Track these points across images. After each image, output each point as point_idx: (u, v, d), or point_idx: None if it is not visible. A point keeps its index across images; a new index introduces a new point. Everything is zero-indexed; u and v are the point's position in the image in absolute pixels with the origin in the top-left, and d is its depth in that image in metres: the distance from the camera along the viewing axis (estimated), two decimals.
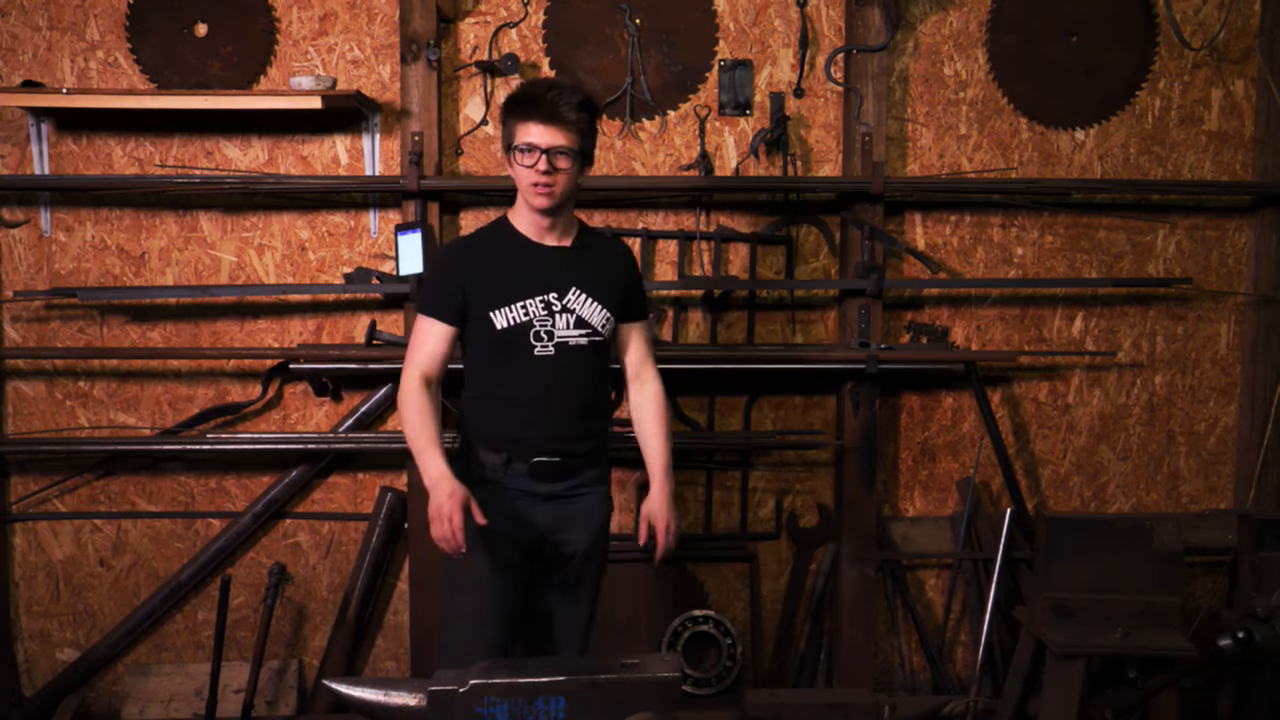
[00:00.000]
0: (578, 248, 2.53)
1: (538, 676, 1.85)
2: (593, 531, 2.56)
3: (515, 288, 2.46)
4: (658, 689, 1.87)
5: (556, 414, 2.48)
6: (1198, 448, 3.71)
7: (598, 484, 2.58)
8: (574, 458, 2.51)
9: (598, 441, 2.57)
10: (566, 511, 2.52)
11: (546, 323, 2.46)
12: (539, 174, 2.38)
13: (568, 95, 2.39)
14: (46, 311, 3.38)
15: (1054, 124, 3.55)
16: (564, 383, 2.47)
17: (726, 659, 3.49)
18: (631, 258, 2.67)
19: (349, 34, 3.37)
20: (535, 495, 2.50)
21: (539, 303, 2.46)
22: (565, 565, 2.56)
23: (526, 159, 2.39)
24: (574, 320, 2.48)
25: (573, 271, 2.49)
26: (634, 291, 2.62)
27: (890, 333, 3.53)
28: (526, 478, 2.48)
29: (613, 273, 2.56)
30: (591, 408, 2.55)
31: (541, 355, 2.46)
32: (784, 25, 3.45)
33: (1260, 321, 3.64)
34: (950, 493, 3.62)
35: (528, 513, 2.50)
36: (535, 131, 2.37)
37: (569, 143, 2.39)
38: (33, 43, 3.32)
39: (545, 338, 2.46)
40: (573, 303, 2.48)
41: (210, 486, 3.45)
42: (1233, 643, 2.83)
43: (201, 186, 3.29)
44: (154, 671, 3.42)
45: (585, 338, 2.49)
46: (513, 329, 2.45)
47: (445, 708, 1.83)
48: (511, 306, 2.45)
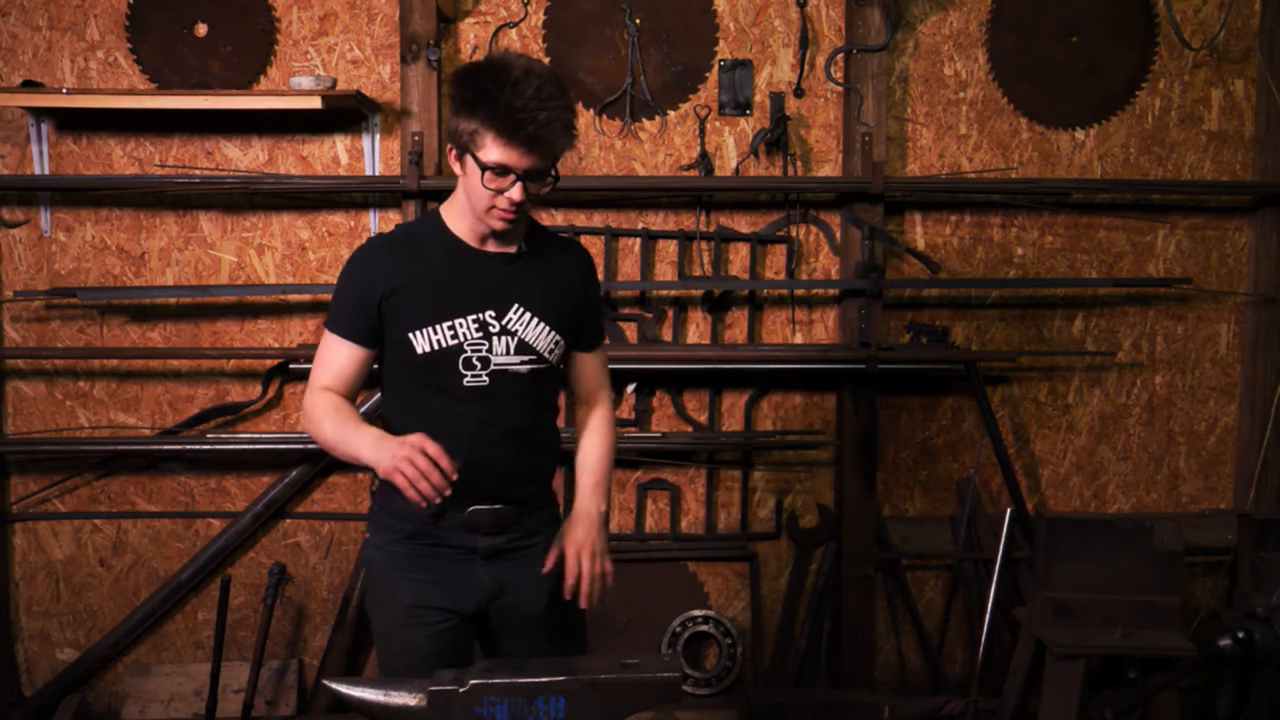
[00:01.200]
0: (526, 255, 2.07)
1: (538, 676, 1.84)
2: (549, 588, 2.11)
3: (444, 303, 2.00)
4: (658, 689, 1.86)
5: (491, 456, 2.03)
6: (1198, 448, 3.71)
7: (549, 526, 2.16)
8: (517, 503, 2.09)
9: (543, 483, 2.18)
10: (513, 570, 2.10)
11: (480, 347, 2.01)
12: (508, 201, 1.95)
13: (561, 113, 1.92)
14: (46, 311, 3.38)
15: (1054, 124, 3.55)
16: (500, 419, 2.04)
17: (726, 659, 3.49)
18: (592, 268, 2.18)
19: (349, 34, 3.37)
20: (474, 552, 2.08)
21: (472, 322, 2.01)
22: (528, 630, 2.13)
23: (495, 181, 1.93)
24: (515, 344, 2.04)
25: (517, 284, 2.04)
26: (590, 311, 2.18)
27: (890, 333, 3.53)
28: (461, 531, 2.07)
29: (567, 287, 2.11)
30: (536, 444, 2.13)
31: (473, 386, 2.02)
32: (784, 25, 3.45)
33: (1260, 321, 3.64)
34: (950, 493, 3.62)
35: (465, 574, 2.08)
36: (511, 154, 1.91)
37: (547, 164, 1.96)
38: (33, 43, 3.32)
39: (478, 365, 2.01)
40: (514, 323, 2.04)
41: (210, 486, 3.45)
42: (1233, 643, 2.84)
43: (201, 186, 3.29)
44: (154, 671, 3.42)
45: (527, 365, 2.05)
46: (437, 354, 2.00)
47: (445, 708, 1.82)
48: (437, 327, 2.00)
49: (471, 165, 1.95)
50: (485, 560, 2.09)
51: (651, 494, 3.52)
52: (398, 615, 2.09)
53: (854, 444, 3.46)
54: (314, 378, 2.06)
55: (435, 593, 2.09)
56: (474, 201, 1.98)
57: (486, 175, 1.93)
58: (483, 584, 2.10)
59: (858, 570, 3.49)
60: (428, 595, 2.08)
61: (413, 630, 2.09)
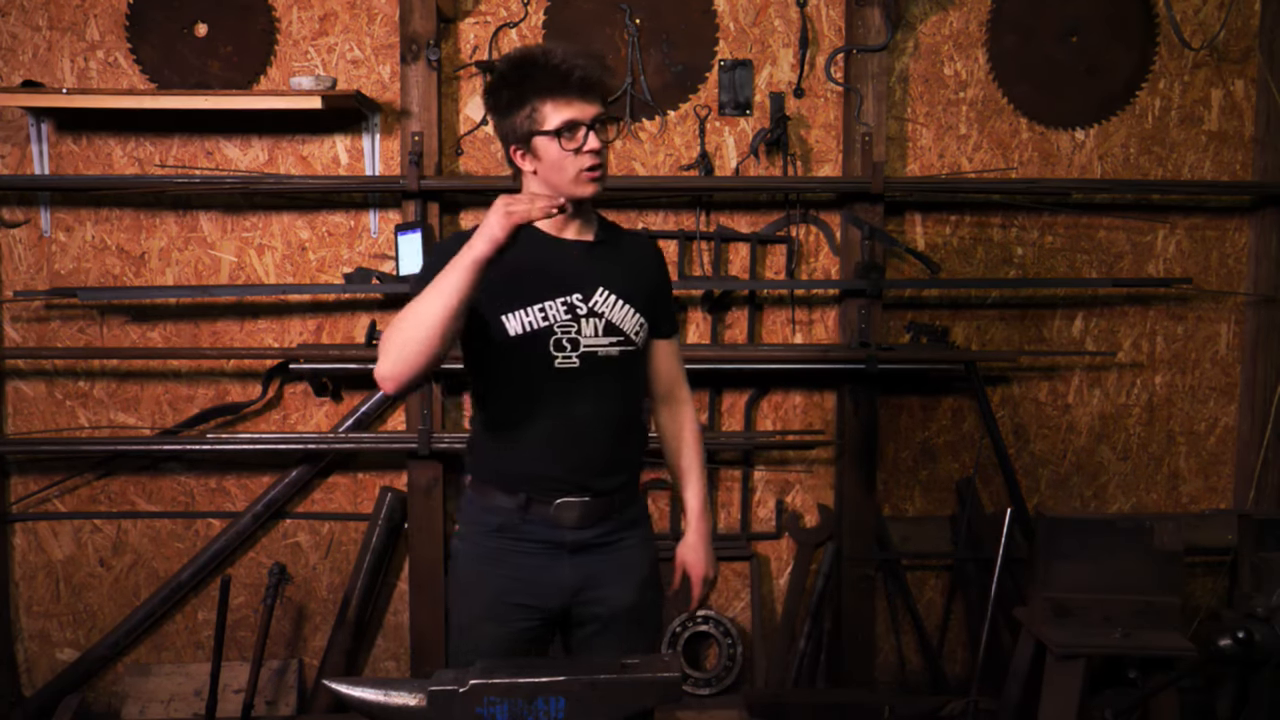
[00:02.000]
0: (602, 242, 2.12)
1: (538, 676, 1.84)
2: (636, 584, 2.13)
3: (533, 287, 2.03)
4: (658, 689, 1.86)
5: (583, 441, 2.06)
6: (1198, 448, 3.71)
7: (636, 526, 2.17)
8: (606, 495, 2.09)
9: (631, 475, 2.17)
10: (600, 566, 2.10)
11: (570, 328, 2.03)
12: (591, 155, 1.99)
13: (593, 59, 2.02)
14: (46, 311, 3.38)
15: (1054, 124, 3.55)
16: (591, 402, 2.05)
17: (726, 659, 3.49)
18: (663, 259, 2.26)
19: (349, 34, 3.37)
20: (560, 546, 2.08)
21: (561, 305, 2.04)
22: (606, 630, 2.12)
23: (570, 141, 1.98)
24: (603, 326, 2.06)
25: (599, 269, 2.08)
26: (664, 299, 2.22)
27: (890, 333, 3.53)
28: (548, 525, 2.07)
29: (644, 273, 2.17)
30: (625, 433, 2.13)
31: (564, 368, 2.03)
32: (784, 25, 3.45)
33: (1260, 321, 3.64)
34: (950, 493, 3.62)
35: (550, 570, 2.08)
36: (575, 108, 1.97)
37: (604, 109, 2.02)
38: (33, 43, 3.32)
39: (568, 346, 2.03)
40: (601, 305, 2.06)
41: (210, 486, 3.45)
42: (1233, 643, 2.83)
43: (201, 186, 3.29)
44: (154, 671, 3.43)
45: (616, 347, 2.07)
46: (528, 336, 2.02)
47: (445, 708, 1.82)
48: (528, 309, 2.02)
49: (542, 143, 1.99)
50: (571, 554, 2.09)
51: (652, 494, 3.52)
52: (478, 609, 2.09)
53: (854, 444, 3.46)
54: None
55: (518, 589, 2.08)
56: (559, 176, 2.01)
57: (561, 139, 1.97)
58: (567, 580, 2.09)
59: (858, 570, 3.49)
60: (510, 592, 2.08)
61: (491, 625, 2.09)
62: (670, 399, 2.26)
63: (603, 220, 2.18)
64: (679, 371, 2.27)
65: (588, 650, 2.14)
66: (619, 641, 2.11)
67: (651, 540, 2.22)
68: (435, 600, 3.39)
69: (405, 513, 3.42)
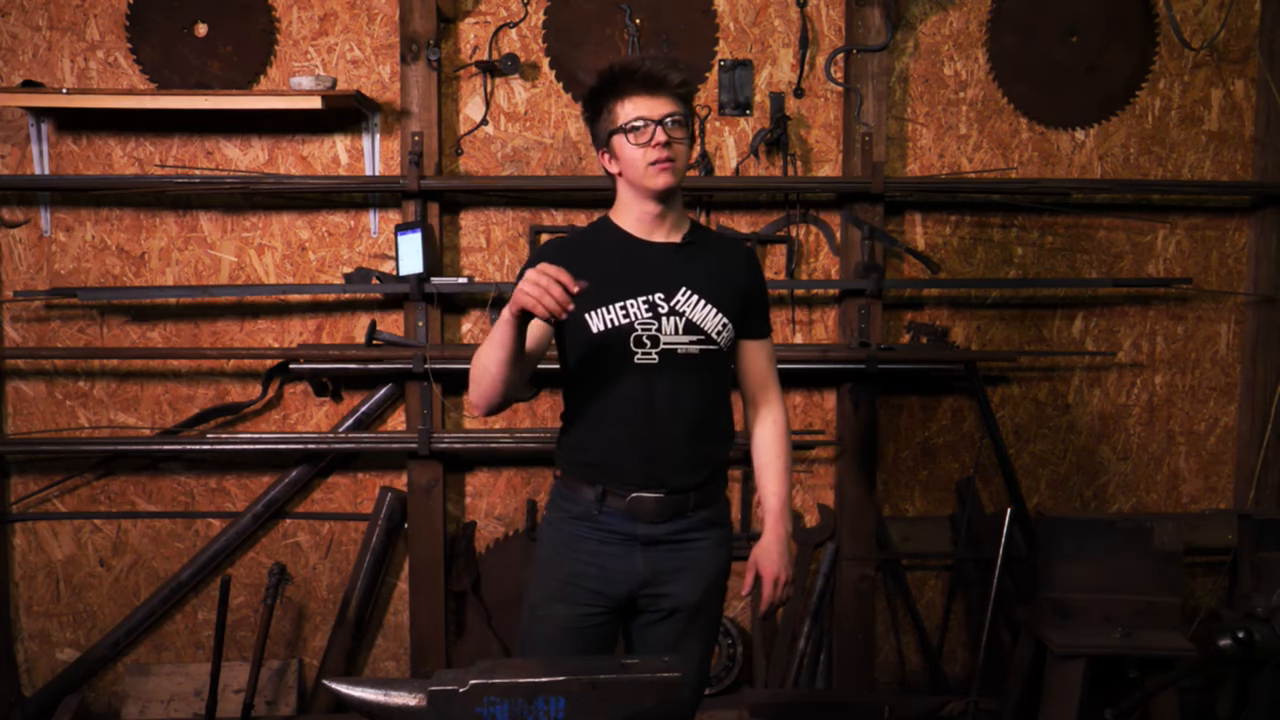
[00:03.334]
0: (690, 243, 2.20)
1: (538, 676, 1.84)
2: (703, 585, 2.19)
3: (616, 286, 2.12)
4: (658, 689, 1.86)
5: (659, 436, 2.12)
6: (1198, 448, 3.71)
7: (712, 528, 2.22)
8: (681, 493, 2.16)
9: (712, 474, 2.21)
10: (670, 560, 2.17)
11: (650, 326, 2.12)
12: (658, 149, 2.08)
13: (663, 59, 2.13)
14: (46, 311, 3.38)
15: (1054, 124, 3.55)
16: (669, 397, 2.12)
17: (726, 659, 3.49)
18: (755, 262, 2.31)
19: (349, 34, 3.37)
20: (633, 539, 2.15)
21: (642, 303, 2.12)
22: (666, 621, 2.20)
23: (639, 137, 2.08)
24: (683, 324, 2.13)
25: (683, 269, 2.16)
26: (756, 301, 2.26)
27: (890, 333, 3.53)
28: (623, 516, 2.14)
29: (732, 275, 2.21)
30: (704, 431, 2.18)
31: (643, 364, 2.11)
32: (784, 25, 3.45)
33: (1260, 321, 3.64)
34: (950, 493, 3.62)
35: (622, 560, 2.16)
36: (644, 103, 2.09)
37: (680, 108, 2.11)
38: (33, 43, 3.32)
39: (648, 343, 2.12)
40: (682, 304, 2.14)
41: (210, 486, 3.45)
42: (1233, 643, 2.84)
43: (201, 186, 3.29)
44: (154, 671, 3.43)
45: (697, 346, 2.13)
46: (610, 332, 2.11)
47: (445, 708, 1.82)
48: (610, 307, 2.11)
49: (620, 142, 2.11)
50: (644, 547, 2.16)
51: None
52: (551, 588, 2.16)
53: (854, 444, 3.46)
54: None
55: (591, 573, 2.16)
56: (634, 172, 2.12)
57: (631, 135, 2.09)
58: (638, 570, 2.16)
59: (858, 570, 3.49)
60: (583, 575, 2.16)
61: (561, 605, 2.16)
62: (759, 400, 2.31)
63: (696, 224, 2.25)
64: (770, 373, 2.31)
65: (643, 639, 2.22)
66: (675, 636, 2.19)
67: (728, 543, 2.26)
68: (435, 600, 3.39)
69: (405, 513, 3.42)
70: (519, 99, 3.41)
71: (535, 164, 3.41)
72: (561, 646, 2.15)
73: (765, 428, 2.31)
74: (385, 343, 3.35)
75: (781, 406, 2.33)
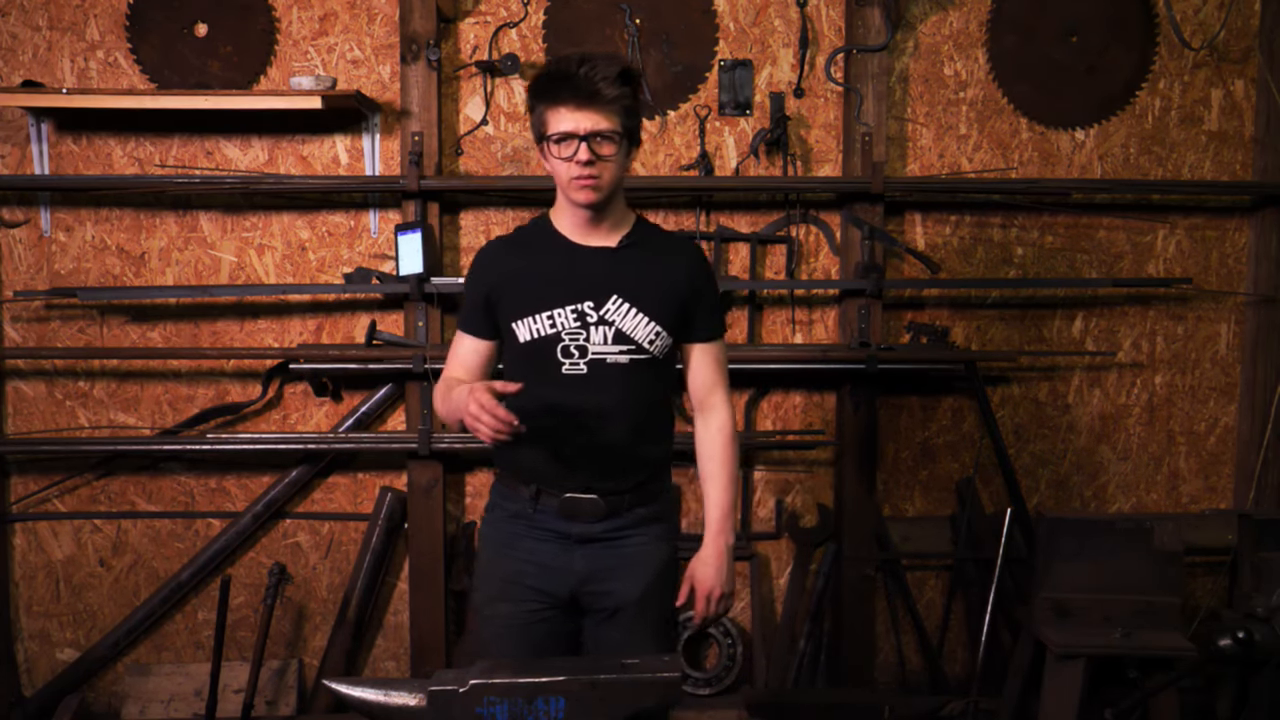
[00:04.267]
0: (626, 247, 2.15)
1: (538, 676, 1.84)
2: (644, 581, 2.16)
3: (545, 295, 2.10)
4: (658, 689, 1.87)
5: (590, 444, 2.11)
6: (1198, 448, 3.71)
7: (651, 524, 2.19)
8: (616, 495, 2.14)
9: (650, 475, 2.19)
10: (607, 558, 2.15)
11: (578, 336, 2.09)
12: (580, 166, 2.03)
13: (603, 67, 2.03)
14: (46, 311, 3.38)
15: (1054, 124, 3.55)
16: (599, 407, 2.10)
17: (726, 659, 3.49)
18: (700, 262, 2.22)
19: (349, 34, 3.37)
20: (568, 537, 2.15)
21: (570, 312, 2.10)
22: (612, 620, 2.17)
23: (563, 149, 2.04)
24: (613, 334, 2.10)
25: (616, 275, 2.12)
26: (699, 304, 2.18)
27: (890, 333, 3.53)
28: (558, 516, 2.14)
29: (672, 279, 2.15)
30: (638, 437, 2.15)
31: (571, 374, 2.10)
32: (784, 25, 3.45)
33: (1260, 321, 3.64)
34: (950, 493, 3.62)
35: (559, 557, 2.15)
36: (570, 117, 2.02)
37: (611, 125, 2.04)
38: (33, 43, 3.32)
39: (576, 354, 2.09)
40: (612, 313, 2.10)
41: (210, 486, 3.45)
42: (1233, 643, 2.84)
43: (201, 186, 3.29)
44: (154, 671, 3.42)
45: (626, 355, 2.11)
46: (537, 342, 2.10)
47: (445, 708, 1.82)
48: (537, 316, 2.10)
49: (545, 148, 2.08)
50: (580, 545, 2.15)
51: None
52: (494, 588, 2.16)
53: (854, 444, 3.46)
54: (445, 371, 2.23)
55: (529, 571, 2.16)
56: (559, 183, 2.10)
57: (553, 146, 2.05)
58: (575, 568, 2.15)
59: (858, 570, 3.49)
60: (523, 573, 2.16)
61: (505, 604, 2.17)
62: (705, 405, 2.24)
63: (640, 223, 2.22)
64: (717, 377, 2.23)
65: (595, 640, 2.20)
66: (624, 635, 2.15)
67: (669, 538, 2.23)
68: (435, 600, 3.39)
69: (405, 513, 3.42)
70: (519, 99, 3.41)
71: (535, 164, 3.41)
72: (510, 645, 2.14)
73: (710, 434, 2.23)
74: (385, 343, 3.35)
75: (729, 411, 2.25)
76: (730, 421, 2.24)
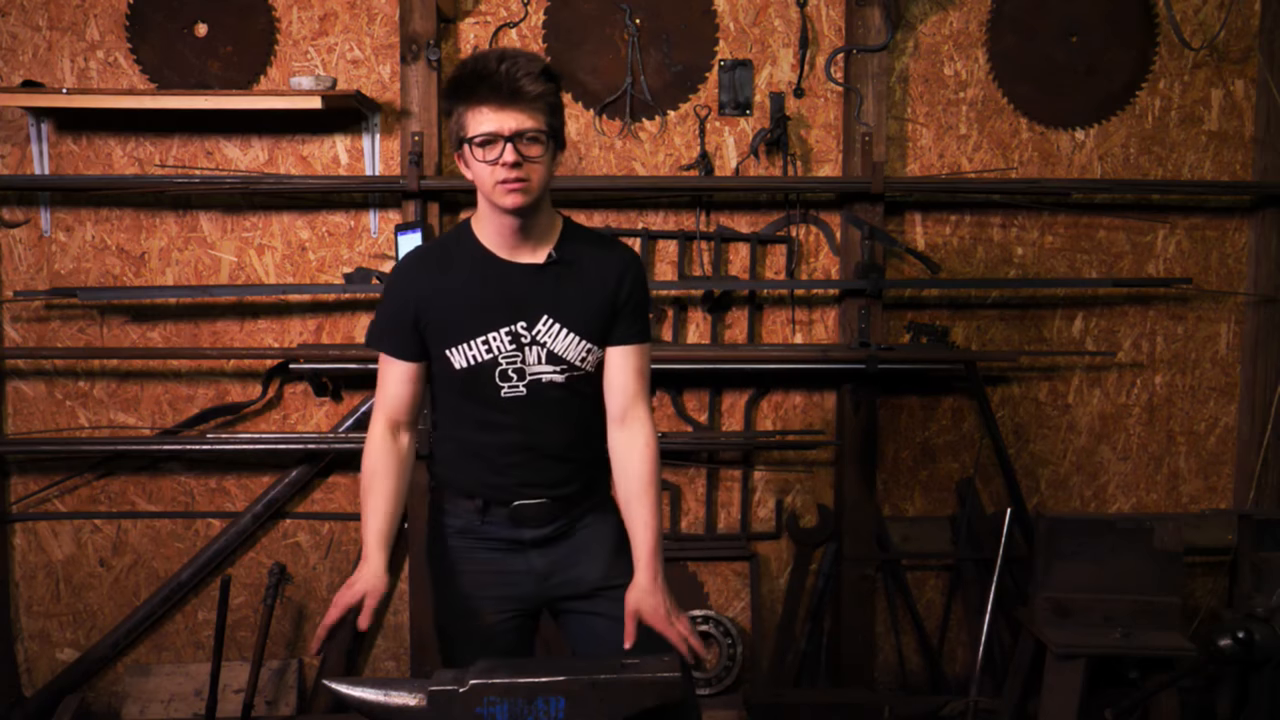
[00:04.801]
0: (555, 263, 2.05)
1: (538, 676, 1.84)
2: (605, 556, 2.14)
3: (476, 319, 2.03)
4: (658, 689, 1.86)
5: (534, 460, 2.09)
6: (1198, 448, 3.71)
7: (597, 510, 2.18)
8: (562, 500, 2.12)
9: (591, 474, 2.16)
10: (563, 550, 2.14)
11: (515, 359, 2.03)
12: (506, 168, 1.93)
13: (525, 64, 1.92)
14: (46, 311, 3.38)
15: (1054, 124, 3.55)
16: (540, 425, 2.07)
17: (726, 659, 3.49)
18: (630, 267, 2.11)
19: (349, 34, 3.37)
20: (520, 542, 2.12)
21: (505, 334, 2.03)
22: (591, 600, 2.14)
23: (487, 152, 1.93)
24: (545, 354, 2.04)
25: (545, 295, 2.03)
26: (626, 309, 2.09)
27: (890, 333, 3.53)
28: (508, 524, 2.11)
29: (600, 291, 2.06)
30: (581, 448, 2.13)
31: (510, 397, 2.04)
32: (784, 25, 3.45)
33: (1260, 321, 3.64)
34: (950, 493, 3.62)
35: (517, 560, 2.12)
36: (492, 117, 1.92)
37: (536, 124, 1.94)
38: (33, 43, 3.32)
39: (514, 376, 2.04)
40: (543, 334, 2.03)
41: (210, 486, 3.45)
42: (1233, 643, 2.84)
43: (201, 186, 3.29)
44: (154, 671, 3.42)
45: (562, 374, 2.05)
46: (475, 368, 2.04)
47: (445, 708, 1.83)
48: (472, 343, 2.03)
49: (468, 153, 1.97)
50: (535, 547, 2.13)
51: None
52: (456, 606, 2.12)
53: (854, 444, 3.46)
54: (376, 403, 2.13)
55: (489, 581, 2.13)
56: (483, 189, 1.99)
57: (477, 150, 1.94)
58: (535, 567, 2.13)
59: (858, 570, 3.49)
60: (482, 584, 2.12)
61: (469, 621, 2.13)
62: (627, 418, 2.10)
63: (570, 229, 2.10)
64: (638, 386, 2.10)
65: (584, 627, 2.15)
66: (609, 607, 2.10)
67: (615, 512, 2.16)
68: None
69: (405, 513, 3.41)
70: None
71: None
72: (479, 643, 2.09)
73: (634, 452, 2.09)
74: None
75: (651, 425, 2.11)
76: (654, 437, 2.11)
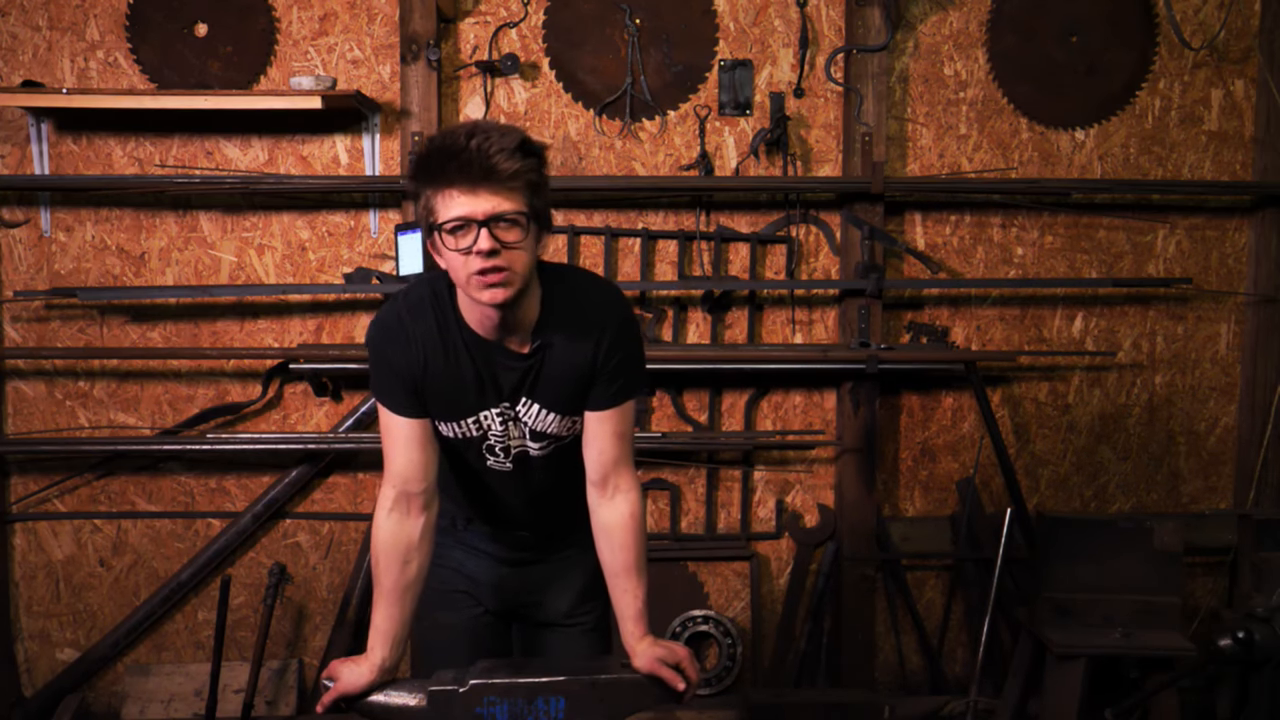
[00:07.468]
0: (539, 348, 1.90)
1: (538, 676, 1.84)
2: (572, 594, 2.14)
3: (468, 401, 1.94)
4: (657, 689, 1.87)
5: (516, 521, 2.10)
6: (1198, 448, 3.71)
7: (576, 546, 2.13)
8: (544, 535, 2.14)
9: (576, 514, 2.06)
10: (536, 573, 2.14)
11: (502, 438, 1.97)
12: (481, 258, 1.72)
13: (498, 138, 1.72)
14: (46, 311, 3.38)
15: (1054, 124, 3.55)
16: (526, 490, 2.05)
17: (726, 659, 3.49)
18: (608, 330, 1.91)
19: (349, 34, 3.37)
20: (497, 559, 2.13)
21: (495, 415, 1.95)
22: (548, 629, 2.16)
23: (459, 240, 1.73)
24: (529, 433, 1.97)
25: (527, 380, 1.92)
26: (605, 372, 1.92)
27: (890, 333, 3.53)
28: (488, 539, 2.12)
29: (577, 367, 1.92)
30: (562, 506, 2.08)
31: (496, 469, 2.01)
32: (784, 25, 3.45)
33: (1260, 321, 3.64)
34: (950, 493, 3.62)
35: (490, 573, 2.13)
36: (463, 200, 1.71)
37: (514, 205, 1.73)
38: (33, 43, 3.32)
39: (501, 453, 1.99)
40: (524, 414, 1.95)
41: (210, 486, 3.45)
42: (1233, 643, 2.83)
43: (201, 186, 3.29)
44: (154, 671, 3.42)
45: (545, 448, 1.99)
46: (463, 441, 1.98)
47: (445, 708, 1.83)
48: (463, 421, 1.95)
49: (439, 241, 1.77)
50: (509, 566, 2.15)
51: (652, 494, 3.52)
52: (430, 597, 2.09)
53: (854, 444, 3.46)
54: (386, 465, 1.98)
55: (461, 580, 2.15)
56: (458, 281, 1.81)
57: (448, 238, 1.74)
58: (505, 583, 2.15)
59: (858, 570, 3.49)
60: (454, 581, 2.14)
61: (445, 613, 2.14)
62: (608, 485, 1.96)
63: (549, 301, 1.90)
64: (617, 451, 1.95)
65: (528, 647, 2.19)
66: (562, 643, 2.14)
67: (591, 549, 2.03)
68: None
69: None
70: (519, 99, 3.41)
71: None
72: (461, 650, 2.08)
73: (617, 522, 1.96)
74: None
75: (637, 493, 1.97)
76: (640, 506, 1.97)
